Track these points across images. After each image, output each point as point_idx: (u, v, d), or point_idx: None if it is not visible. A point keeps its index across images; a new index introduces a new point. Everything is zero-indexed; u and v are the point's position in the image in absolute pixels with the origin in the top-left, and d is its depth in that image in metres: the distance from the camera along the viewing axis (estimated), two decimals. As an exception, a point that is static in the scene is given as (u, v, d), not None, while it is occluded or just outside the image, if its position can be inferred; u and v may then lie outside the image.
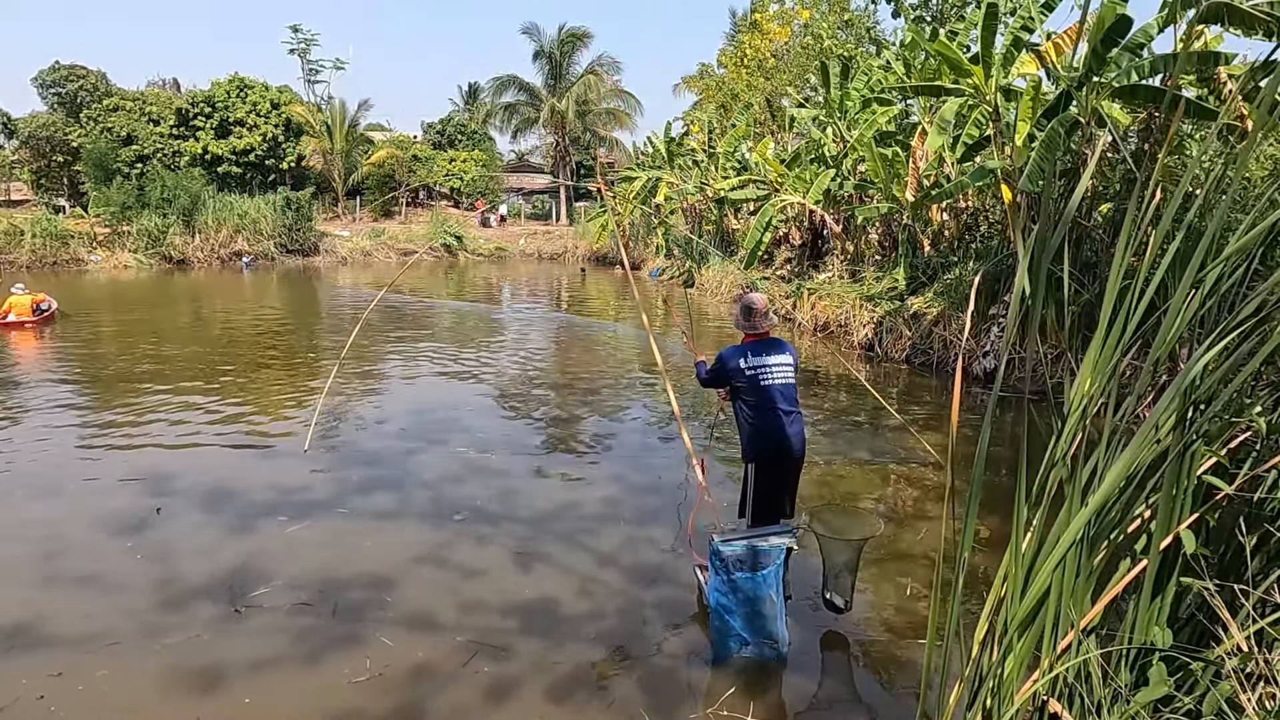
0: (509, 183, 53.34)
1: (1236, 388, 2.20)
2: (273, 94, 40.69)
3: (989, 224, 13.48)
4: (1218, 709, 1.99)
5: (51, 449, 7.80)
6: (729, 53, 33.65)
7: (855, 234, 17.02)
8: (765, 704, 3.81)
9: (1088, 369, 2.23)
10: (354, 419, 8.98)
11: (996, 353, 10.60)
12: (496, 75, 47.25)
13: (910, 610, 4.71)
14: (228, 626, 4.49)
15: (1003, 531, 5.61)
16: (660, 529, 5.88)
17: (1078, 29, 10.17)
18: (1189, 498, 2.25)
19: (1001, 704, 2.32)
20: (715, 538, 4.12)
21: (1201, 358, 2.09)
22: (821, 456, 7.56)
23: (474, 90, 57.08)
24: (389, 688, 3.93)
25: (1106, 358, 2.21)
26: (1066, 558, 2.23)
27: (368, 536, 5.73)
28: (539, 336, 16.35)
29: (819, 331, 14.98)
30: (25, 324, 15.34)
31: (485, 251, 39.93)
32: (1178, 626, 2.36)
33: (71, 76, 39.18)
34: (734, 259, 22.97)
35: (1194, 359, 2.09)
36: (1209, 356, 2.10)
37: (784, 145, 22.02)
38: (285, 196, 35.14)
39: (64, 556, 5.38)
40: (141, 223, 31.27)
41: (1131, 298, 2.19)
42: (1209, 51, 8.75)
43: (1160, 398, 2.15)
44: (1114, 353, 2.21)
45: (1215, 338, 2.10)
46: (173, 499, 6.40)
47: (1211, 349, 2.08)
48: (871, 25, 25.03)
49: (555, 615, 4.65)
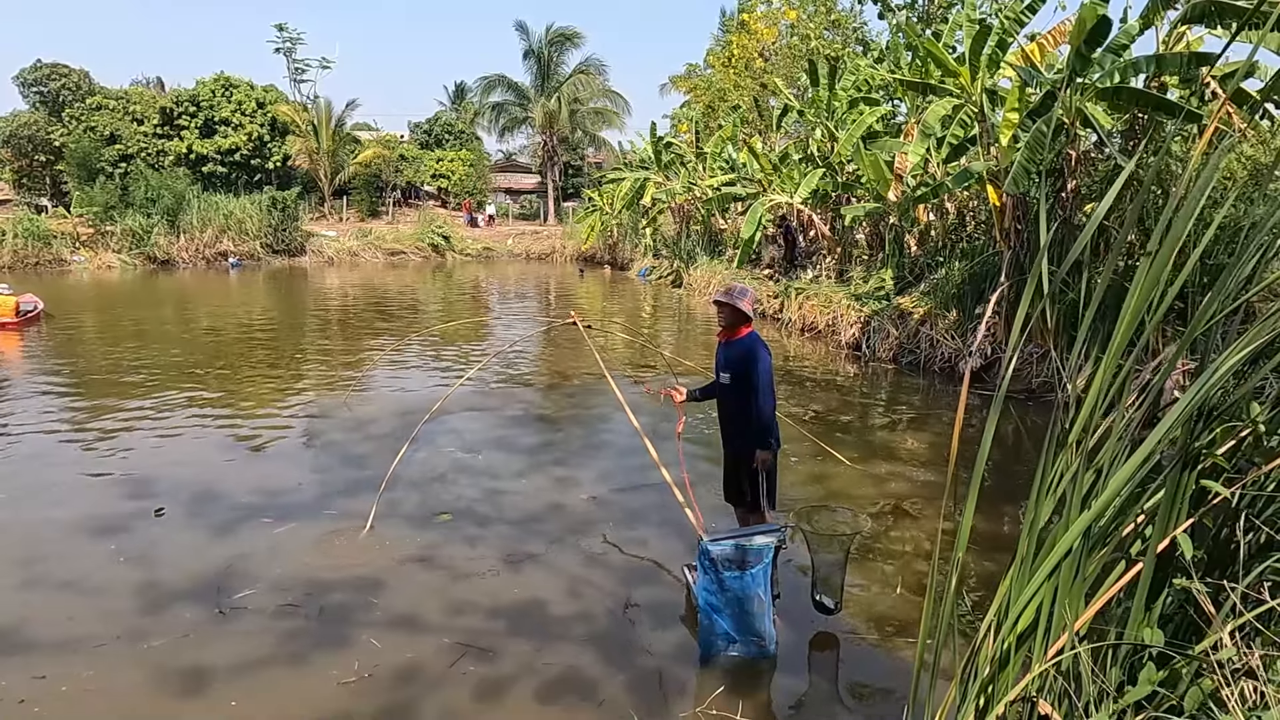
0: (497, 182, 53.21)
1: (1245, 393, 2.20)
2: (258, 93, 40.45)
3: (975, 224, 13.56)
4: (1201, 704, 2.00)
5: (34, 451, 7.72)
6: (717, 53, 33.71)
7: (843, 234, 17.08)
8: (754, 703, 3.81)
9: (1103, 373, 2.22)
10: (340, 419, 8.93)
11: (984, 351, 10.66)
12: (484, 74, 47.19)
13: (899, 609, 4.72)
14: (213, 629, 4.46)
15: (985, 530, 5.65)
16: (648, 529, 5.88)
17: (1062, 29, 10.26)
18: (1186, 502, 2.26)
19: (992, 705, 2.32)
20: (703, 537, 4.12)
21: (1221, 365, 2.08)
22: (809, 455, 7.58)
23: (461, 90, 56.94)
24: (376, 689, 3.90)
25: (1114, 363, 2.21)
26: (1063, 561, 2.23)
27: (354, 538, 5.69)
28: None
29: (806, 331, 15.01)
30: (7, 325, 15.16)
31: (473, 252, 39.82)
32: (1163, 622, 2.37)
33: (54, 75, 38.80)
34: (721, 259, 23.01)
35: (1213, 366, 2.08)
36: (1231, 363, 2.09)
37: (772, 145, 22.07)
38: (271, 196, 34.87)
39: (46, 559, 5.32)
40: (125, 223, 31.00)
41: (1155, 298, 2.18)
42: (1192, 53, 8.83)
43: (1173, 405, 2.15)
44: (1124, 358, 2.21)
45: (1237, 347, 2.09)
46: (157, 501, 6.34)
47: (1233, 357, 2.08)
48: (858, 25, 25.14)
49: (543, 616, 4.63)
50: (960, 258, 12.52)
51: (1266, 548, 2.33)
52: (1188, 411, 2.12)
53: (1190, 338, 2.18)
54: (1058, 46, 10.57)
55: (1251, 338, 2.06)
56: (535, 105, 45.29)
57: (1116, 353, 2.20)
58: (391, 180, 44.50)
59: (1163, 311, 2.21)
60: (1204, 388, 2.08)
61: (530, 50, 45.11)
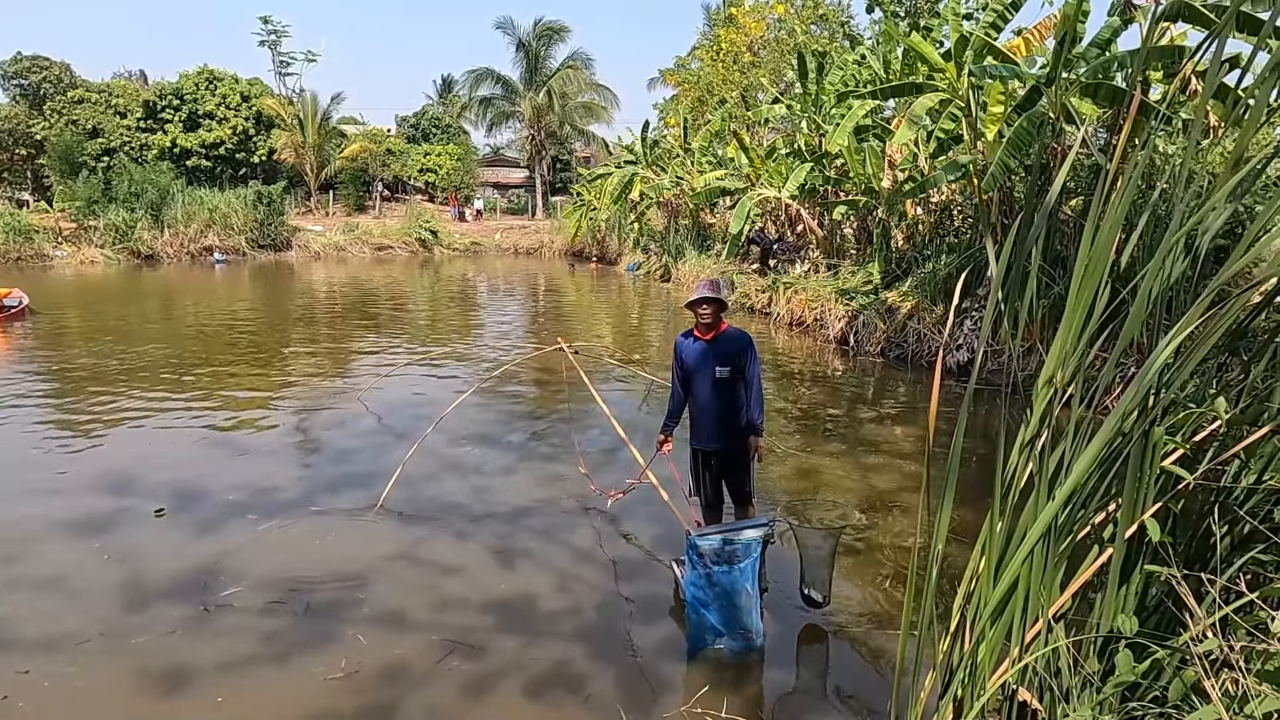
0: (484, 177, 53.03)
1: (1194, 376, 2.23)
2: (243, 86, 40.14)
3: (962, 218, 13.61)
4: (1183, 695, 2.02)
5: (16, 448, 7.64)
6: (705, 47, 33.66)
7: (831, 228, 17.11)
8: (741, 697, 3.82)
9: (1053, 359, 2.25)
10: (326, 416, 8.89)
11: (970, 345, 10.71)
12: (472, 68, 46.91)
13: (886, 602, 4.75)
14: (198, 626, 4.43)
15: (972, 522, 5.67)
16: (636, 524, 5.88)
17: (1048, 24, 10.30)
18: (1154, 488, 2.28)
19: (974, 694, 2.34)
20: (691, 532, 4.13)
21: (1167, 345, 2.11)
22: (798, 449, 7.60)
23: (449, 83, 56.71)
24: (363, 686, 3.89)
25: (1070, 347, 2.23)
26: (1035, 548, 2.25)
27: (340, 534, 5.67)
28: (518, 308, 16.26)
29: (795, 326, 15.04)
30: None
31: (460, 247, 39.69)
32: (1146, 615, 2.39)
33: (34, 68, 38.40)
34: (710, 254, 23.03)
35: (1160, 346, 2.11)
36: (1174, 344, 2.12)
37: (759, 140, 22.07)
38: (257, 191, 34.63)
39: (29, 557, 5.27)
40: (109, 217, 30.67)
41: (1100, 287, 2.21)
42: (1173, 46, 8.89)
43: (1127, 388, 2.18)
44: (1079, 342, 2.23)
45: (1180, 327, 2.12)
46: (141, 498, 6.29)
47: (1177, 337, 2.10)
48: (845, 20, 25.15)
49: (532, 611, 4.63)
50: (947, 252, 12.57)
51: (1248, 540, 2.35)
52: (1143, 393, 2.14)
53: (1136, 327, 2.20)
54: (1044, 40, 10.62)
55: (1184, 323, 2.09)
56: (523, 99, 45.11)
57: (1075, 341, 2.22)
58: (378, 175, 44.25)
59: (1102, 304, 2.24)
60: (1150, 373, 2.10)
61: (520, 43, 44.89)
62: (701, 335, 4.73)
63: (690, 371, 4.76)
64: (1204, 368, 2.36)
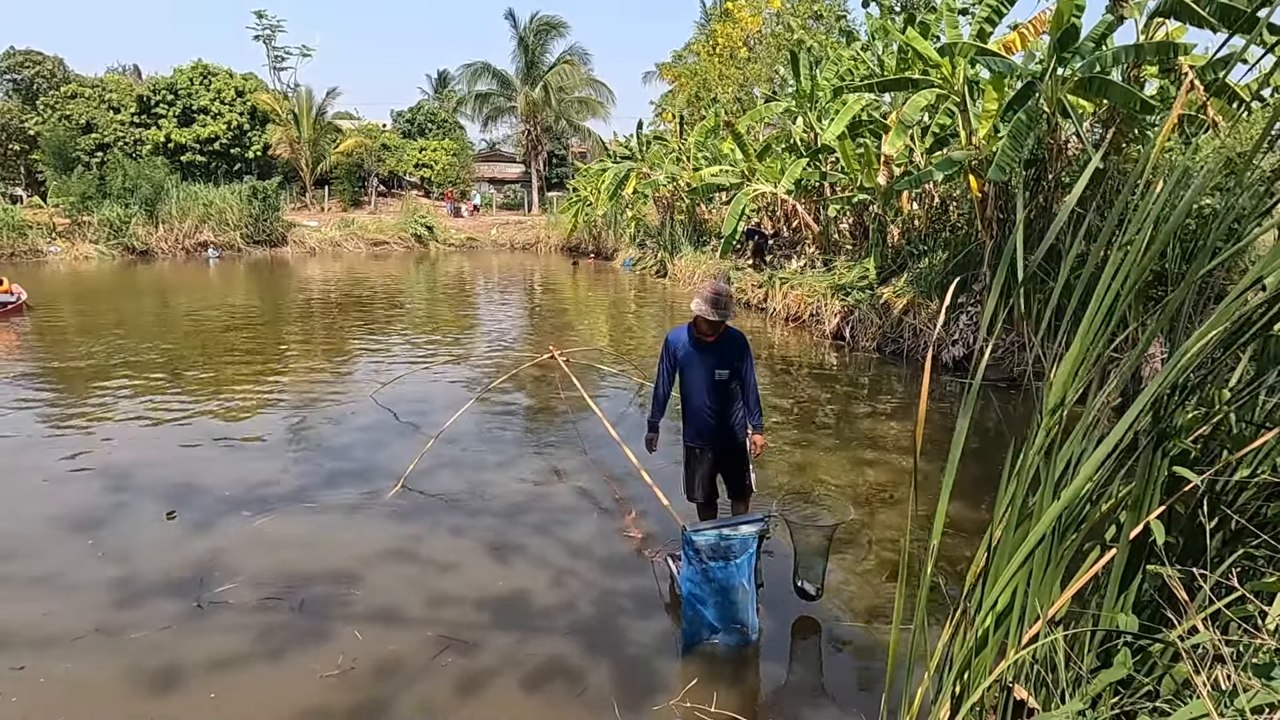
0: (480, 172, 52.92)
1: (1209, 379, 2.22)
2: (237, 81, 39.98)
3: (958, 213, 13.61)
4: (1175, 690, 2.02)
5: (11, 444, 7.61)
6: (701, 41, 33.60)
7: (826, 224, 17.11)
8: (736, 692, 3.83)
9: (1070, 361, 2.23)
10: (321, 412, 8.87)
11: (965, 341, 10.72)
12: (468, 63, 46.80)
13: (881, 596, 4.76)
14: (192, 623, 4.42)
15: (965, 517, 5.69)
16: (631, 519, 5.88)
17: (1043, 18, 10.29)
18: (1158, 489, 2.28)
19: (969, 691, 2.34)
20: (686, 527, 4.13)
21: (1186, 353, 2.09)
22: (793, 443, 7.60)
23: (444, 78, 56.52)
24: (358, 682, 3.89)
25: (1082, 350, 2.22)
26: (1037, 548, 2.25)
27: (335, 530, 5.66)
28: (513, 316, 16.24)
29: (791, 321, 15.04)
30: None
31: (456, 242, 39.63)
32: (1138, 609, 2.40)
33: (27, 62, 38.21)
34: (705, 249, 23.02)
35: (1178, 354, 2.10)
36: (1193, 351, 2.10)
37: (755, 136, 22.04)
38: (252, 186, 34.47)
39: (23, 553, 5.26)
40: (103, 213, 30.56)
41: (1118, 287, 2.19)
42: (1168, 42, 8.89)
43: (1139, 391, 2.17)
44: (1095, 344, 2.22)
45: (1200, 334, 2.11)
46: (136, 494, 6.28)
47: (1195, 344, 2.09)
48: (841, 15, 25.12)
49: (527, 607, 4.63)
50: (943, 247, 12.57)
51: (1240, 534, 2.36)
52: (1156, 397, 2.14)
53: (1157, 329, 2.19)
54: (1040, 34, 10.61)
55: (1215, 320, 2.08)
56: (519, 94, 45.01)
57: (1085, 339, 2.21)
58: (374, 170, 44.14)
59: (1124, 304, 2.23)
60: (1172, 372, 2.10)
61: (520, 37, 44.79)
62: (702, 338, 4.68)
63: (687, 372, 4.75)
64: (1213, 368, 2.35)
